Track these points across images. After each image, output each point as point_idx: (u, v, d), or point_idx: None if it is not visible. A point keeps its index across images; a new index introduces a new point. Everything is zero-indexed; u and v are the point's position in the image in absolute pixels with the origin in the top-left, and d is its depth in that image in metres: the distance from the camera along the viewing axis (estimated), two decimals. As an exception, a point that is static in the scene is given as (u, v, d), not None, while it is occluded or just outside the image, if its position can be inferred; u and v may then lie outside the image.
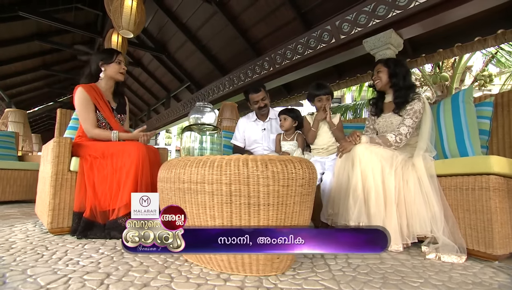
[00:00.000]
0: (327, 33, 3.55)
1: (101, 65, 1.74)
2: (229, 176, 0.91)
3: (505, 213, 1.07)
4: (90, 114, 1.65)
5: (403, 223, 1.26)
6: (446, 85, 4.07)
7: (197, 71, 6.73)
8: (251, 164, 0.90)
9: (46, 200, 1.49)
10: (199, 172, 0.95)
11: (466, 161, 1.16)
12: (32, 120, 11.48)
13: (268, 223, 0.90)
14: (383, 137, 1.48)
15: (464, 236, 1.14)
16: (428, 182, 1.25)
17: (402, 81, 1.58)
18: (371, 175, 1.36)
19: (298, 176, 0.93)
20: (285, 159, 0.94)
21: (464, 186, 1.16)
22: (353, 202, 1.37)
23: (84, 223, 1.45)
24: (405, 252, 1.23)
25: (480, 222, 1.09)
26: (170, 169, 1.06)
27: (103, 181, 1.53)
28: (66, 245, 1.29)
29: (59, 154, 1.50)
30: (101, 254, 1.17)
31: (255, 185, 0.89)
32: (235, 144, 2.33)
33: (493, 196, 1.06)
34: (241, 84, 5.20)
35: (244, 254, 0.91)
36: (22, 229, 1.60)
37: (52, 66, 7.70)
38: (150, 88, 8.92)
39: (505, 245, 1.06)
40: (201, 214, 0.95)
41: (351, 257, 1.17)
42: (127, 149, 1.57)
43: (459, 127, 1.41)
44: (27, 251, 1.19)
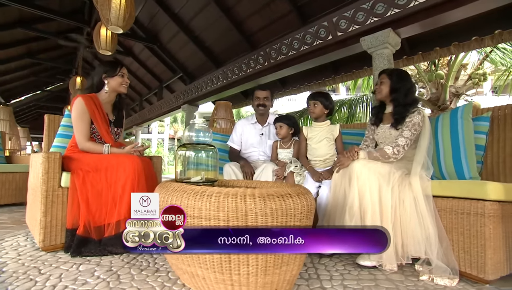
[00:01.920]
0: (324, 29, 3.46)
1: (104, 78, 1.73)
2: (226, 212, 0.89)
3: (498, 239, 1.09)
4: (84, 126, 1.61)
5: (398, 243, 1.28)
6: (441, 83, 4.07)
7: (190, 62, 6.54)
8: (249, 200, 0.88)
9: (37, 216, 1.46)
10: (196, 206, 0.93)
11: (463, 186, 1.17)
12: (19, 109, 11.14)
13: (266, 259, 0.90)
14: (381, 150, 1.47)
15: (457, 258, 1.17)
16: (423, 203, 1.26)
17: (402, 97, 1.56)
18: (368, 193, 1.36)
19: (296, 211, 0.92)
20: (283, 193, 0.92)
21: (459, 209, 1.17)
22: (349, 219, 1.38)
23: (78, 240, 1.43)
24: (399, 272, 1.26)
25: (473, 246, 1.11)
26: (166, 197, 1.04)
27: (97, 196, 1.49)
28: (60, 267, 1.27)
29: (49, 170, 1.45)
30: (96, 278, 1.16)
31: (254, 222, 0.88)
32: (231, 147, 2.30)
33: (487, 222, 1.07)
34: (235, 78, 5.10)
35: (242, 280, 0.91)
36: (13, 245, 1.57)
37: (37, 54, 7.38)
38: (142, 77, 8.67)
39: (496, 270, 1.08)
40: (198, 248, 0.94)
41: (346, 279, 1.19)
42: (121, 163, 1.53)
43: (457, 145, 1.41)
44: (19, 276, 1.17)
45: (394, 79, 1.61)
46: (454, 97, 4.11)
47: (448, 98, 4.08)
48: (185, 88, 6.71)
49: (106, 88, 1.73)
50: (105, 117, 1.70)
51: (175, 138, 26.56)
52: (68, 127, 1.94)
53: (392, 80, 1.61)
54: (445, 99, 4.08)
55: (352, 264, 1.36)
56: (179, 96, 7.09)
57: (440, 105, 4.13)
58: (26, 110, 11.86)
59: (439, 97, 4.15)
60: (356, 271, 1.28)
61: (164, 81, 8.07)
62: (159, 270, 1.26)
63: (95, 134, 1.66)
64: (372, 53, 3.12)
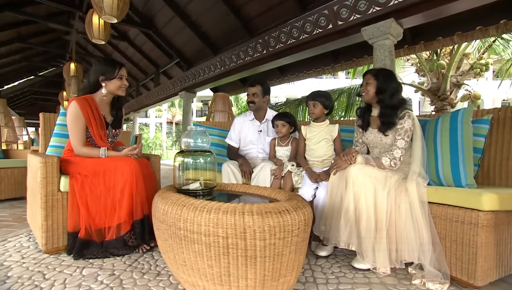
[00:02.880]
0: (324, 18, 3.35)
1: (102, 81, 1.66)
2: (225, 229, 0.90)
3: (490, 248, 1.12)
4: (79, 131, 1.58)
5: (392, 247, 1.32)
6: (442, 73, 4.00)
7: (187, 48, 6.38)
8: (248, 218, 0.90)
9: (38, 219, 1.47)
10: (195, 221, 0.94)
11: (459, 194, 1.19)
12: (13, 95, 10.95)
13: (264, 273, 0.92)
14: (378, 160, 1.47)
15: (449, 264, 1.20)
16: (419, 209, 1.29)
17: (388, 99, 1.53)
18: (363, 198, 1.38)
19: (294, 227, 0.93)
20: (281, 209, 0.93)
21: (454, 217, 1.20)
22: (344, 223, 1.41)
23: (80, 243, 1.46)
24: (393, 275, 1.30)
25: (465, 254, 1.15)
26: (166, 210, 1.04)
27: (96, 200, 1.50)
28: (63, 271, 1.30)
29: (47, 175, 1.45)
30: (100, 284, 1.19)
31: (252, 239, 0.89)
32: (230, 144, 2.30)
33: (480, 232, 1.10)
34: (233, 65, 4.99)
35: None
36: (17, 246, 1.60)
37: (27, 38, 7.14)
38: (138, 63, 8.48)
39: (486, 276, 1.13)
40: (199, 261, 0.96)
41: (341, 283, 1.23)
42: (119, 167, 1.53)
43: (455, 150, 1.40)
44: (24, 281, 1.20)
45: (380, 79, 1.56)
46: (454, 87, 4.06)
47: (449, 88, 4.04)
48: (182, 75, 6.59)
49: (103, 90, 1.67)
50: (102, 120, 1.67)
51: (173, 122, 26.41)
52: (64, 126, 1.92)
53: (378, 80, 1.56)
54: (446, 89, 4.03)
55: (348, 266, 1.41)
56: (176, 83, 6.97)
57: (440, 95, 4.09)
58: (20, 96, 11.66)
59: (440, 87, 4.10)
60: (351, 273, 1.32)
61: (161, 66, 7.90)
62: (160, 274, 1.30)
63: (91, 138, 1.64)
64: (373, 44, 3.05)
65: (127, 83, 1.75)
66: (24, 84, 10.50)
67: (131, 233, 1.52)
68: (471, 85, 4.08)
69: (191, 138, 1.33)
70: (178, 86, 6.95)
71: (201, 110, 28.13)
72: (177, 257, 1.02)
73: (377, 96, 1.58)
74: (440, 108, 4.17)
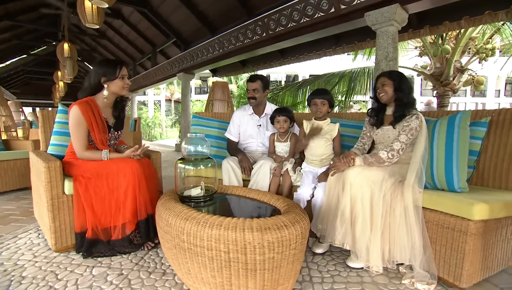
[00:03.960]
0: (326, 1, 3.22)
1: (104, 82, 1.63)
2: (227, 245, 0.95)
3: (477, 253, 1.18)
4: (81, 136, 1.58)
5: (385, 248, 1.39)
6: (446, 57, 3.90)
7: (184, 28, 6.15)
8: (248, 234, 0.94)
9: (46, 221, 1.53)
10: (198, 235, 0.99)
11: (451, 203, 1.23)
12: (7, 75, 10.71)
13: (264, 283, 0.99)
14: (376, 156, 1.50)
15: (437, 265, 1.28)
16: (413, 214, 1.34)
17: (406, 97, 1.57)
18: (360, 201, 1.43)
19: (292, 241, 0.98)
20: (279, 225, 0.98)
21: (445, 224, 1.25)
22: (340, 224, 1.47)
23: (88, 242, 1.52)
24: (384, 273, 1.39)
25: (453, 258, 1.22)
26: (169, 221, 1.09)
27: (101, 201, 1.55)
28: (74, 271, 1.38)
29: (51, 179, 1.48)
30: (110, 284, 1.27)
31: (252, 254, 0.95)
32: (229, 139, 2.31)
33: (469, 240, 1.16)
34: (231, 48, 4.86)
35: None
36: (27, 243, 1.68)
37: (16, 16, 6.84)
38: (134, 41, 8.21)
39: (471, 279, 1.20)
40: (202, 271, 1.02)
41: (336, 282, 1.32)
42: (121, 169, 1.56)
43: (450, 154, 1.43)
44: (39, 282, 1.28)
45: (396, 80, 1.61)
46: (458, 72, 3.98)
47: (452, 73, 3.96)
48: (180, 56, 6.41)
49: (105, 92, 1.65)
50: (104, 124, 1.66)
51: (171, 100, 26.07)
52: (63, 123, 1.92)
53: (394, 81, 1.61)
54: (449, 75, 3.95)
55: (342, 263, 1.49)
56: (174, 64, 6.81)
57: (442, 80, 4.02)
58: (14, 75, 11.41)
59: (443, 72, 4.02)
60: (346, 272, 1.41)
61: (158, 45, 7.67)
62: (166, 273, 1.38)
63: (93, 142, 1.65)
64: (377, 30, 2.96)
65: (129, 82, 1.73)
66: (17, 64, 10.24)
67: (136, 232, 1.59)
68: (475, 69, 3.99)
69: (191, 145, 1.35)
70: (176, 67, 6.80)
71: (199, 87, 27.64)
72: (182, 266, 1.09)
73: (395, 94, 1.61)
74: (442, 94, 4.12)
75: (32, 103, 16.63)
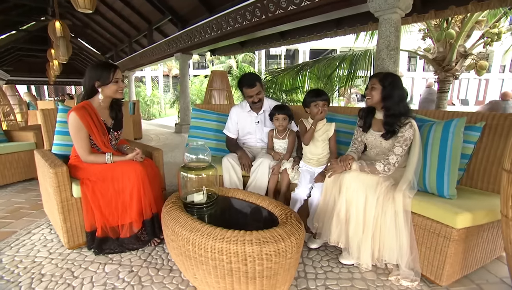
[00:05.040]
0: (329, -15, 3.07)
1: (98, 87, 1.66)
2: (229, 256, 1.04)
3: (458, 256, 1.29)
4: (83, 141, 1.62)
5: (375, 248, 1.50)
6: (450, 42, 3.80)
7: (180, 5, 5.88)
8: (248, 247, 1.03)
9: (58, 222, 1.63)
10: (203, 247, 1.08)
11: (437, 211, 1.31)
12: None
13: (262, 288, 1.10)
14: (372, 166, 1.55)
15: (421, 264, 1.40)
16: (402, 217, 1.43)
17: (395, 106, 1.54)
18: (354, 204, 1.51)
19: (288, 252, 1.07)
20: (277, 238, 1.06)
21: (431, 229, 1.34)
22: (336, 223, 1.57)
23: (98, 240, 1.64)
24: (373, 270, 1.51)
25: (435, 260, 1.33)
26: (176, 230, 1.17)
27: (108, 203, 1.63)
28: (88, 268, 1.50)
29: (59, 183, 1.55)
30: (122, 281, 1.40)
31: (252, 264, 1.04)
32: (228, 136, 2.34)
33: (451, 245, 1.26)
34: (230, 29, 4.70)
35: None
36: (41, 240, 1.79)
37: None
38: (128, 17, 7.89)
39: (450, 278, 1.33)
40: (207, 277, 1.13)
41: (328, 278, 1.44)
42: (126, 172, 1.63)
43: (443, 161, 1.49)
44: (58, 279, 1.40)
45: (386, 85, 1.56)
46: (461, 57, 3.90)
47: (455, 58, 3.88)
48: (177, 36, 6.21)
49: (100, 96, 1.68)
50: (103, 126, 1.70)
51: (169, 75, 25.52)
52: (65, 123, 1.96)
53: (384, 86, 1.57)
54: (451, 60, 3.88)
55: (335, 259, 1.61)
56: (171, 43, 6.61)
57: (444, 66, 3.95)
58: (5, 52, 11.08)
59: (445, 57, 3.95)
60: (338, 268, 1.53)
61: (153, 23, 7.39)
62: (172, 270, 1.50)
63: (95, 145, 1.70)
64: (379, 17, 2.88)
65: (124, 85, 1.74)
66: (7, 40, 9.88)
67: (142, 229, 1.69)
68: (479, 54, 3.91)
69: (193, 153, 1.40)
70: (173, 47, 6.61)
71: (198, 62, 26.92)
72: (188, 271, 1.20)
73: (382, 102, 1.59)
74: (443, 79, 4.08)
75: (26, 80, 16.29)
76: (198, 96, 9.12)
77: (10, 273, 1.46)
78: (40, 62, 11.92)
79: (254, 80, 2.10)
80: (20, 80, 16.31)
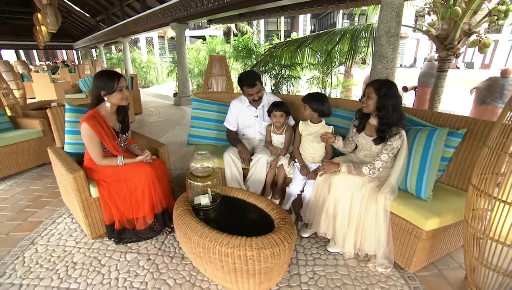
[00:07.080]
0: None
1: (104, 95, 1.77)
2: (233, 258, 1.27)
3: (425, 250, 1.54)
4: (96, 147, 1.77)
5: (358, 240, 1.74)
6: (455, 20, 3.67)
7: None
8: (249, 251, 1.25)
9: (80, 217, 1.85)
10: (211, 250, 1.30)
11: (411, 214, 1.51)
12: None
13: (260, 281, 1.34)
14: (359, 169, 1.72)
15: (395, 254, 1.65)
16: (382, 216, 1.64)
17: (389, 115, 1.64)
18: (341, 203, 1.72)
19: (282, 254, 1.30)
20: (273, 244, 1.27)
21: (405, 228, 1.57)
22: (324, 217, 1.80)
23: (117, 232, 1.88)
24: (355, 257, 1.77)
25: (406, 252, 1.58)
26: (188, 235, 1.38)
27: (123, 201, 1.84)
28: (112, 257, 1.76)
29: (78, 186, 1.73)
30: (142, 269, 1.66)
31: (252, 264, 1.27)
32: (228, 128, 2.47)
33: (420, 242, 1.49)
34: (228, 1, 4.48)
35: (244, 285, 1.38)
36: (66, 230, 2.03)
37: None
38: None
39: (417, 266, 1.59)
40: (215, 272, 1.37)
41: (316, 265, 1.71)
42: (137, 173, 1.81)
43: (423, 166, 1.65)
44: (89, 268, 1.66)
45: (381, 95, 1.65)
46: (464, 36, 3.81)
47: (458, 36, 3.80)
48: (172, 5, 5.90)
49: (107, 104, 1.79)
50: (112, 132, 1.83)
51: (164, 37, 24.29)
52: (72, 122, 2.08)
53: (379, 96, 1.66)
54: (454, 38, 3.80)
55: (323, 247, 1.87)
56: (166, 12, 6.30)
57: (446, 44, 3.88)
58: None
59: (448, 35, 3.85)
60: (325, 255, 1.80)
61: (144, -14, 6.91)
62: (184, 257, 1.76)
63: (107, 149, 1.84)
64: (381, 1, 2.79)
65: (128, 93, 1.83)
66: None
67: (155, 221, 1.93)
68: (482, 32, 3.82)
69: (198, 164, 1.56)
70: (169, 16, 6.31)
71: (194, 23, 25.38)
72: (199, 265, 1.44)
73: (376, 111, 1.70)
74: (444, 58, 4.04)
75: (14, 45, 15.60)
76: (196, 64, 8.89)
77: (47, 261, 1.72)
78: (27, 25, 11.32)
79: (254, 79, 2.17)
80: (6, 44, 15.61)
